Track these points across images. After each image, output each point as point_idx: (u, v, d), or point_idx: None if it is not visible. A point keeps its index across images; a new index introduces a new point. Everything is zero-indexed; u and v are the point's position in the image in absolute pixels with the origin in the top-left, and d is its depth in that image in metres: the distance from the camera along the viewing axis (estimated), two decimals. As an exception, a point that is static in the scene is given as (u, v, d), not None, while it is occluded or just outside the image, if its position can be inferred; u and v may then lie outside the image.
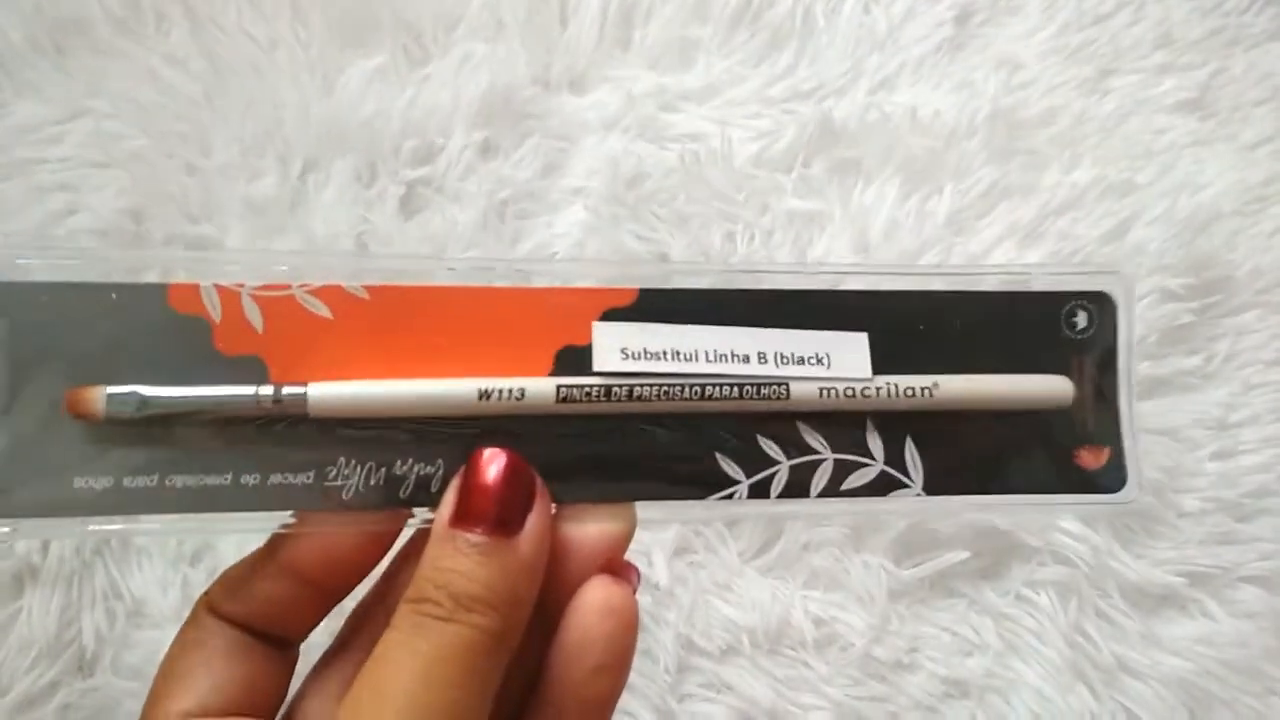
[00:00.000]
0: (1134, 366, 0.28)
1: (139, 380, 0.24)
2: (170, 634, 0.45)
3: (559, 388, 0.25)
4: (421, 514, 0.25)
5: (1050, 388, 0.27)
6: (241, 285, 0.25)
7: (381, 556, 0.27)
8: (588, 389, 0.25)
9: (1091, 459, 0.28)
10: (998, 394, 0.27)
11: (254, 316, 0.25)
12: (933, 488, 0.27)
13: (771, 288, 0.27)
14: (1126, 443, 0.28)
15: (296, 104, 0.52)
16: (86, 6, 0.52)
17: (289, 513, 0.25)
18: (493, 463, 0.24)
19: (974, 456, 0.27)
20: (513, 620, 0.23)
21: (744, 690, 0.47)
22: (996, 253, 0.52)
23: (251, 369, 0.25)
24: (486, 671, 0.23)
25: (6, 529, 0.24)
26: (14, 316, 0.25)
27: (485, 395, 0.25)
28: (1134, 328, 0.28)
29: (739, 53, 0.55)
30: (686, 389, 0.26)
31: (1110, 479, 0.28)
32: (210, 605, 0.26)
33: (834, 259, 0.52)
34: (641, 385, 0.25)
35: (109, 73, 0.52)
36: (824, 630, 0.48)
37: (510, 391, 0.25)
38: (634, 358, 0.26)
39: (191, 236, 0.50)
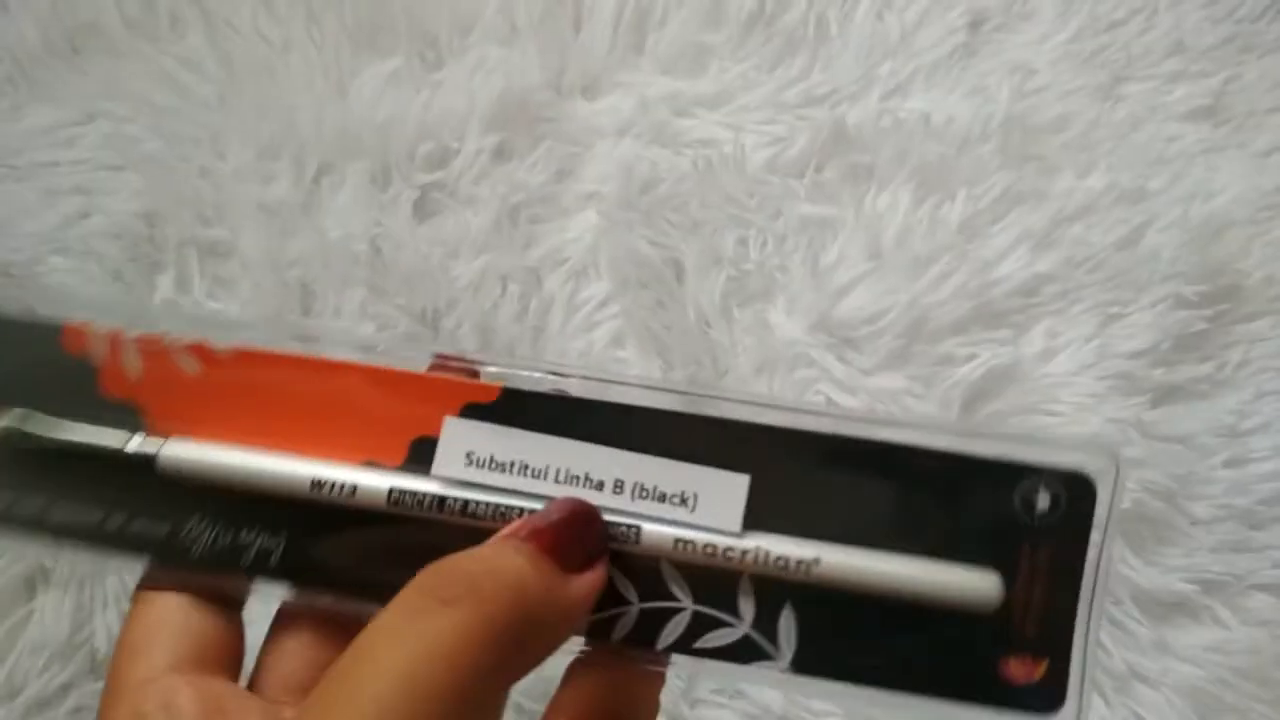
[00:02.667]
0: (1110, 569, 0.23)
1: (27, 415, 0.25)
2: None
3: (391, 490, 0.24)
4: (262, 586, 0.25)
5: (968, 585, 0.23)
6: (124, 332, 0.25)
7: None
8: (420, 497, 0.24)
9: (1021, 672, 0.23)
10: (897, 582, 0.23)
11: (133, 364, 0.25)
12: (805, 666, 0.23)
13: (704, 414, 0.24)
14: (1075, 660, 0.23)
15: (311, 107, 0.52)
16: (102, 9, 0.52)
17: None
18: (571, 503, 0.23)
19: (868, 642, 0.23)
20: (529, 639, 0.21)
21: (756, 696, 0.47)
22: (1010, 259, 0.52)
23: (128, 416, 0.25)
24: (486, 683, 0.20)
25: None
26: None
27: (318, 486, 0.24)
28: (1115, 522, 0.22)
29: (752, 58, 0.55)
30: (524, 514, 0.24)
31: (1040, 699, 0.23)
32: (148, 584, 0.25)
33: (846, 266, 0.52)
34: (477, 502, 0.24)
35: (124, 75, 0.52)
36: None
37: (343, 486, 0.24)
38: (478, 465, 0.24)
39: (205, 240, 0.50)
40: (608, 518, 0.24)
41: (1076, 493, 0.23)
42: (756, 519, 0.23)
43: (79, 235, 0.49)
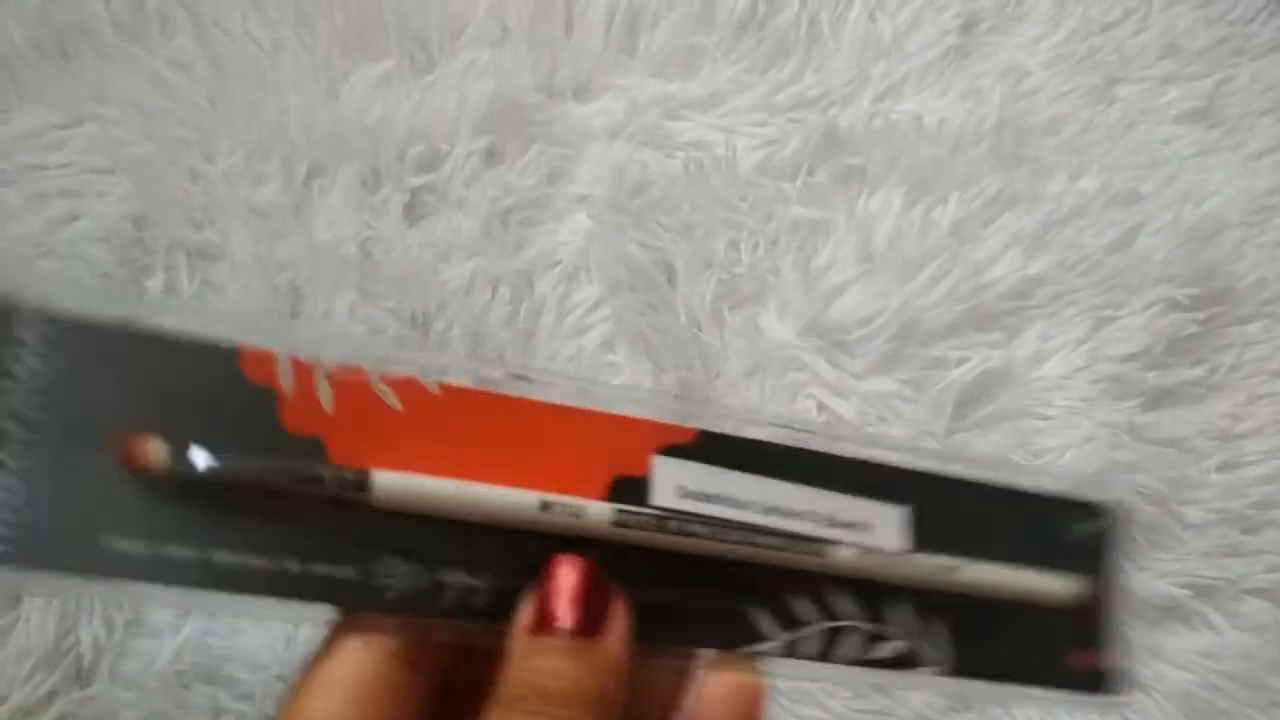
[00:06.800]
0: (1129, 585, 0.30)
1: (195, 440, 0.23)
2: (169, 643, 0.45)
3: (617, 511, 0.25)
4: (457, 626, 0.25)
5: (1064, 587, 0.29)
6: (318, 362, 0.24)
7: None
8: (644, 518, 0.26)
9: (1089, 660, 0.29)
10: (1018, 585, 0.29)
11: (325, 396, 0.24)
12: (961, 670, 0.28)
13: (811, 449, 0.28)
14: (1122, 651, 0.30)
15: (301, 109, 0.51)
16: (91, 10, 0.52)
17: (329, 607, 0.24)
18: (570, 567, 0.25)
19: (1002, 647, 0.29)
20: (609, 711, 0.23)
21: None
22: (1002, 261, 0.52)
23: (311, 450, 0.24)
24: None
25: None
26: (71, 355, 0.22)
27: (547, 507, 0.25)
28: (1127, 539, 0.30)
29: (744, 60, 0.55)
30: (738, 534, 0.26)
31: (1104, 682, 0.29)
32: (339, 632, 0.25)
33: (838, 269, 0.51)
34: (696, 524, 0.26)
35: (113, 78, 0.52)
36: (827, 641, 0.47)
37: (569, 507, 0.25)
38: (690, 497, 0.26)
39: (195, 243, 0.50)
40: (801, 540, 0.27)
41: (1107, 517, 0.30)
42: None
43: (67, 239, 0.49)
